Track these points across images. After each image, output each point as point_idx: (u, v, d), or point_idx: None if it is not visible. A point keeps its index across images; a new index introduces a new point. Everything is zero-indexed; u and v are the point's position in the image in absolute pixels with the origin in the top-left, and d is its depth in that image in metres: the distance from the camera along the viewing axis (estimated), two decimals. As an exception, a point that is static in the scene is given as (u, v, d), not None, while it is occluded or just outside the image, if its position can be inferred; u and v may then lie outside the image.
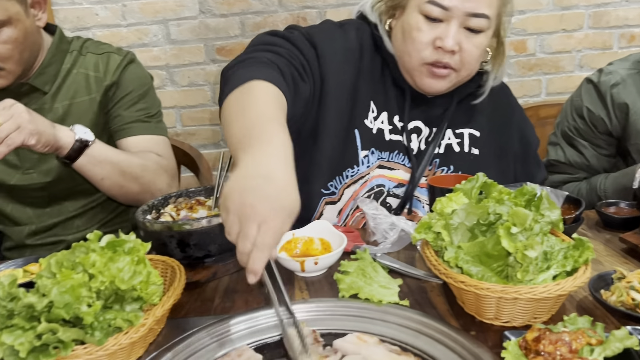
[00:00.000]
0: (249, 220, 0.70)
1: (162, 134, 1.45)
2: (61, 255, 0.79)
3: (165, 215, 1.12)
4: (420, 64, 1.18)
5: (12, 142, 1.09)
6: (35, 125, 1.12)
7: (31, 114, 1.13)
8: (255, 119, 0.89)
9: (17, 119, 1.10)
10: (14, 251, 1.50)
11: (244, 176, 0.75)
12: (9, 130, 1.09)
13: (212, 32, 2.43)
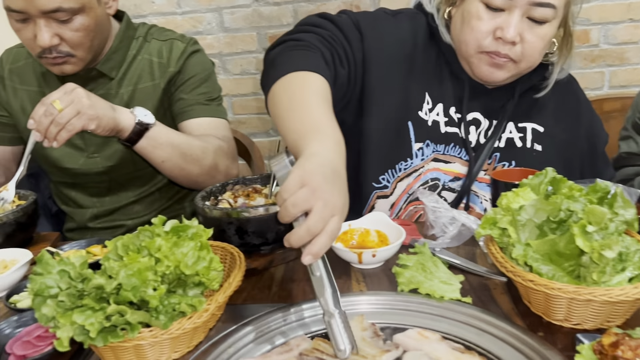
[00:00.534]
0: (327, 206, 0.71)
1: (222, 117, 1.46)
2: (127, 239, 0.80)
3: (223, 202, 1.12)
4: (477, 52, 1.14)
5: (73, 128, 1.12)
6: (95, 110, 1.14)
7: (91, 98, 1.15)
8: (314, 114, 0.90)
9: (77, 105, 1.12)
10: (75, 232, 1.55)
11: (322, 164, 0.76)
12: (70, 115, 1.11)
13: (265, 20, 2.43)
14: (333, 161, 0.78)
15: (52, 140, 1.12)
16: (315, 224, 0.71)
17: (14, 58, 1.47)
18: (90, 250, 1.13)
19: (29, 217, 1.18)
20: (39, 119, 1.11)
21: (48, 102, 1.10)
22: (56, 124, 1.10)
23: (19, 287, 0.98)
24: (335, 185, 0.73)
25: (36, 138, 1.13)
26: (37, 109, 1.11)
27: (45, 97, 1.12)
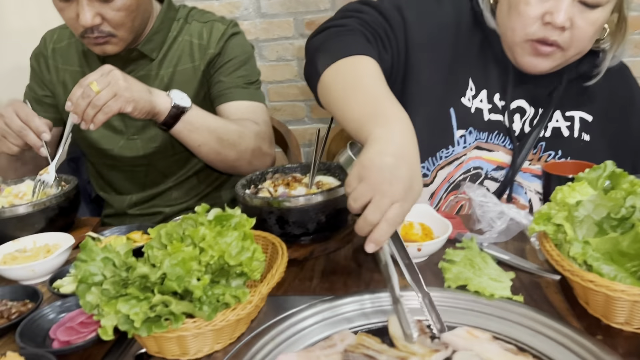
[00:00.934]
0: (384, 196, 0.72)
1: (260, 100, 1.44)
2: (170, 227, 0.79)
3: (264, 190, 1.11)
4: (523, 40, 1.08)
5: (109, 110, 1.11)
6: (131, 93, 1.13)
7: (127, 80, 1.14)
8: (374, 96, 0.87)
9: (113, 87, 1.11)
10: (113, 218, 1.56)
11: (382, 152, 0.74)
12: (106, 98, 1.10)
13: (302, 5, 2.39)
14: (397, 144, 0.76)
15: (89, 122, 1.12)
16: (372, 214, 0.72)
17: (57, 38, 1.48)
18: (131, 236, 1.13)
19: (70, 202, 1.18)
20: (76, 101, 1.11)
21: (85, 84, 1.10)
22: (93, 106, 1.10)
23: (62, 272, 0.99)
24: (395, 172, 0.72)
25: (74, 120, 1.13)
26: (74, 90, 1.11)
27: (82, 79, 1.12)
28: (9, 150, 1.24)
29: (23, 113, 1.21)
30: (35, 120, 1.21)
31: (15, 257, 1.04)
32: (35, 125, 1.20)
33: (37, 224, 1.12)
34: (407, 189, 0.73)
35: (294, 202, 0.99)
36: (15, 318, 0.85)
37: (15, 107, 1.22)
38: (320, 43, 1.05)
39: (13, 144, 1.22)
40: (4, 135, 1.23)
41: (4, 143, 1.24)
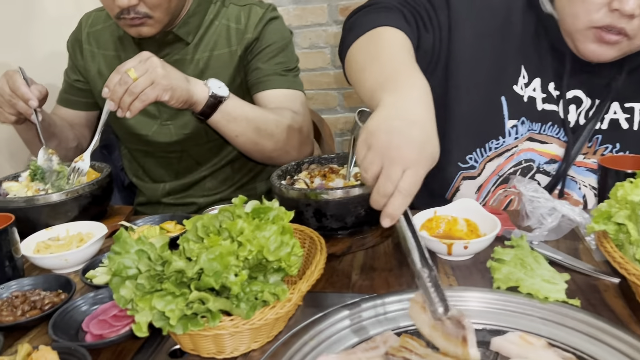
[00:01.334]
0: (393, 163, 0.67)
1: (299, 88, 1.40)
2: (207, 219, 0.76)
3: (300, 182, 1.07)
4: (586, 27, 1.00)
5: (146, 98, 1.08)
6: (169, 81, 1.10)
7: (165, 68, 1.11)
8: (392, 63, 0.84)
9: (151, 74, 1.08)
10: (146, 207, 1.54)
11: (390, 116, 0.71)
12: (144, 85, 1.08)
13: (336, -9, 2.34)
14: (407, 109, 0.72)
15: (126, 110, 1.09)
16: (384, 185, 0.68)
17: (93, 22, 1.47)
18: (164, 226, 1.10)
19: (104, 190, 1.17)
20: (114, 88, 1.08)
21: (123, 71, 1.08)
22: (130, 93, 1.07)
23: (94, 262, 0.97)
24: (404, 136, 0.68)
25: (110, 107, 1.11)
26: (111, 77, 1.09)
27: (120, 65, 1.09)
28: (7, 119, 1.25)
29: (11, 81, 1.21)
30: (22, 87, 1.20)
31: (49, 245, 1.03)
32: (21, 92, 1.20)
33: (70, 212, 1.10)
34: (419, 151, 0.68)
35: (332, 194, 0.95)
36: (48, 309, 0.83)
37: (7, 76, 1.23)
38: (353, 21, 1.03)
39: (8, 112, 1.23)
40: (0, 105, 1.22)
41: (1, 113, 1.24)
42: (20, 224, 0.97)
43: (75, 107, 1.49)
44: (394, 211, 0.69)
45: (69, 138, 1.45)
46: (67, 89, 1.49)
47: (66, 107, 1.49)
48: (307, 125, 1.37)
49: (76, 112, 1.50)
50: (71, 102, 1.49)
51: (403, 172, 0.67)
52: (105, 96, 1.10)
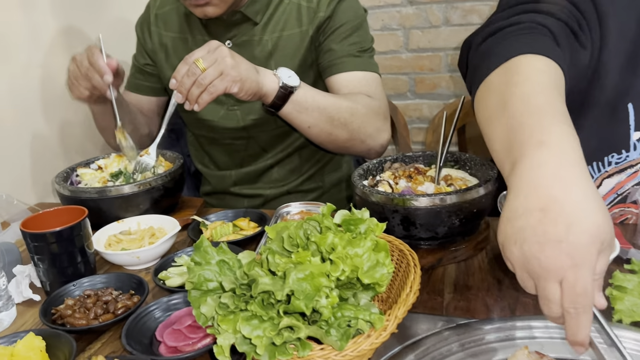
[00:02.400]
0: (540, 279, 0.53)
1: (375, 70, 1.30)
2: (293, 229, 0.69)
3: (383, 183, 0.98)
4: None
5: (215, 90, 1.02)
6: (239, 72, 1.03)
7: (235, 58, 1.04)
8: (522, 113, 0.64)
9: (220, 64, 1.02)
10: (213, 196, 1.50)
11: (516, 211, 0.55)
12: (212, 76, 1.01)
13: (413, -30, 2.20)
14: (545, 187, 0.54)
15: (194, 102, 1.04)
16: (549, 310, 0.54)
17: (161, 3, 1.42)
18: (238, 223, 1.05)
19: (176, 183, 1.12)
20: (182, 79, 1.02)
21: (191, 61, 1.01)
22: (198, 85, 1.01)
23: (166, 261, 0.92)
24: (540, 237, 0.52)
25: (178, 100, 1.06)
26: (179, 67, 1.03)
27: (188, 55, 1.03)
28: (80, 94, 1.21)
29: (90, 54, 1.17)
30: (99, 61, 1.16)
31: (120, 240, 0.99)
32: (98, 66, 1.16)
33: (141, 205, 1.06)
34: (575, 247, 0.51)
35: (423, 201, 0.86)
36: (121, 313, 0.79)
37: (88, 49, 1.19)
38: (490, 47, 0.83)
39: (83, 87, 1.19)
40: (76, 78, 1.19)
41: (76, 87, 1.21)
42: (91, 215, 0.94)
43: (145, 93, 1.46)
44: (580, 337, 0.53)
45: (142, 124, 1.41)
46: (135, 73, 1.45)
47: (135, 92, 1.45)
48: (384, 111, 1.27)
49: (146, 97, 1.46)
50: (140, 87, 1.45)
51: (561, 285, 0.52)
52: (172, 87, 1.05)
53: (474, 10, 2.21)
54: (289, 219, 1.10)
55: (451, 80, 2.34)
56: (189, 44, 1.34)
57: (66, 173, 1.15)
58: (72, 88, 1.20)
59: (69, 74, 1.20)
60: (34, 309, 0.87)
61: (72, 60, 1.19)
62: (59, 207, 0.93)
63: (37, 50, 1.40)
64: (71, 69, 1.19)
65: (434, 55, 2.32)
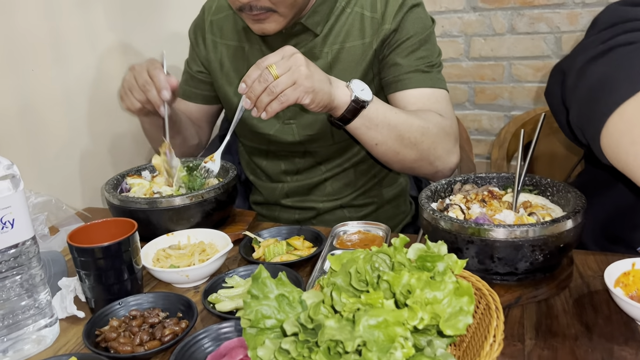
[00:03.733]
0: None
1: (443, 87, 1.21)
2: (361, 263, 0.61)
3: (454, 208, 0.89)
4: None
5: (286, 100, 0.95)
6: (312, 82, 0.96)
7: (309, 67, 0.97)
8: None
9: (294, 73, 0.95)
10: (263, 207, 1.44)
11: None
12: (285, 85, 0.94)
13: (478, -26, 2.10)
14: None
15: (262, 110, 0.97)
16: None
17: (217, 9, 1.36)
18: (292, 242, 0.98)
19: (229, 195, 1.06)
20: (252, 84, 0.95)
21: (264, 66, 0.95)
22: (269, 93, 0.94)
23: (216, 282, 0.86)
24: None
25: (246, 105, 0.99)
26: (250, 72, 0.96)
27: (260, 60, 0.97)
28: (132, 105, 1.16)
29: (152, 67, 1.12)
30: (161, 76, 1.11)
31: (169, 255, 0.94)
32: (158, 80, 1.11)
33: (192, 218, 1.01)
34: None
35: (502, 232, 0.77)
36: (168, 341, 0.73)
37: (148, 62, 1.15)
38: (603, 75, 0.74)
39: (136, 99, 1.14)
40: (131, 88, 1.14)
41: (129, 98, 1.16)
42: (140, 226, 0.89)
43: (197, 100, 1.41)
44: None
45: (192, 135, 1.37)
46: (187, 80, 1.41)
47: (187, 99, 1.41)
48: (454, 131, 1.18)
49: (197, 105, 1.41)
50: (192, 95, 1.40)
51: None
52: (241, 92, 0.98)
53: (542, 18, 2.08)
54: (345, 238, 1.02)
55: (513, 91, 2.22)
56: (246, 53, 1.29)
57: (116, 180, 1.11)
58: (124, 98, 1.16)
59: (124, 83, 1.16)
60: (77, 326, 0.82)
61: (130, 69, 1.15)
62: (108, 219, 0.88)
63: (91, 54, 1.38)
64: (127, 78, 1.15)
65: (496, 65, 2.20)
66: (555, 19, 2.07)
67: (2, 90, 1.14)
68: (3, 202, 0.70)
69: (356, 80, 1.04)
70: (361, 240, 1.01)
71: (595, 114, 0.70)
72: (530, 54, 2.14)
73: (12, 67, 1.15)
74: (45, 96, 1.24)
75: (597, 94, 0.72)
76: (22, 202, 0.72)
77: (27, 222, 0.73)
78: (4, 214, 0.70)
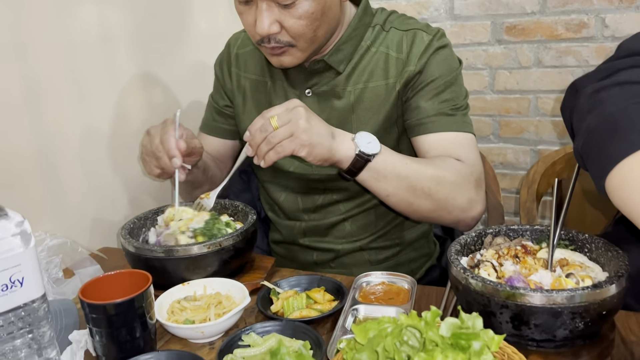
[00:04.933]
0: None
1: (469, 130, 1.16)
2: (389, 340, 0.56)
3: (486, 266, 0.84)
4: None
5: (282, 150, 0.96)
6: (309, 136, 0.96)
7: (310, 121, 0.97)
8: None
9: (292, 126, 0.95)
10: (281, 246, 1.40)
11: None
12: (282, 136, 0.95)
13: (504, 7, 2.05)
14: None
15: (261, 158, 0.99)
16: None
17: (242, 42, 1.35)
18: (312, 295, 0.93)
19: (247, 242, 1.02)
20: (254, 133, 0.97)
21: (267, 116, 0.96)
22: (267, 142, 0.96)
23: (233, 340, 0.81)
24: None
25: (248, 152, 1.01)
26: (255, 121, 0.98)
27: (265, 110, 0.98)
28: (151, 172, 1.14)
29: (163, 132, 1.10)
30: (170, 141, 1.08)
31: (184, 307, 0.90)
32: (168, 146, 1.08)
33: (209, 267, 0.97)
34: None
35: (540, 298, 0.71)
36: (181, 410, 0.69)
37: (162, 125, 1.13)
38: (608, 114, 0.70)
39: (154, 165, 1.12)
40: (147, 154, 1.13)
41: (147, 164, 1.14)
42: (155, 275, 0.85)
43: (222, 136, 1.38)
44: None
45: (219, 179, 1.34)
46: (213, 115, 1.39)
47: (212, 135, 1.39)
48: (477, 178, 1.12)
49: (223, 140, 1.39)
50: (218, 130, 1.38)
51: None
52: (245, 139, 1.00)
53: (569, 52, 2.03)
54: (368, 290, 0.98)
55: (540, 125, 2.16)
56: (268, 89, 1.27)
57: (132, 224, 1.08)
58: (144, 164, 1.15)
59: (142, 148, 1.14)
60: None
61: (146, 134, 1.14)
62: (122, 271, 0.85)
63: (111, 90, 1.36)
64: (144, 143, 1.13)
65: (522, 98, 2.15)
66: (584, 53, 2.02)
67: (19, 129, 1.13)
68: (13, 260, 0.66)
69: (363, 132, 1.02)
70: (385, 292, 0.97)
71: (601, 157, 0.69)
72: (557, 88, 2.09)
73: (29, 105, 1.14)
74: (62, 134, 1.22)
75: (603, 136, 0.70)
76: (32, 260, 0.69)
77: (37, 280, 0.70)
78: (13, 272, 0.67)
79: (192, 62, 1.66)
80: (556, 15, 2.00)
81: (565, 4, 1.97)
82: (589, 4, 1.95)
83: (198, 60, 1.67)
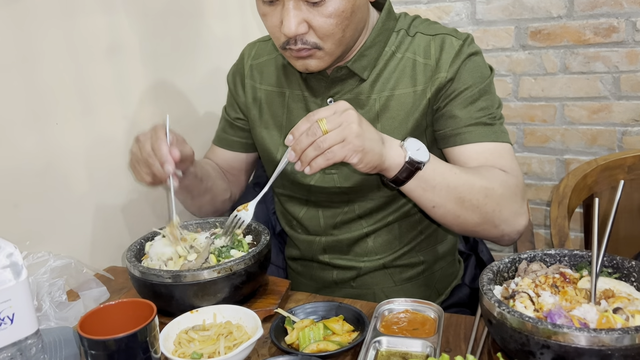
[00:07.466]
0: None
1: (507, 140, 1.09)
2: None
3: (522, 297, 0.76)
4: None
5: (333, 156, 0.87)
6: (363, 142, 0.88)
7: (362, 125, 0.89)
8: None
9: (344, 130, 0.87)
10: (299, 262, 1.33)
11: None
12: (333, 141, 0.87)
13: (528, 11, 1.97)
14: None
15: (306, 164, 0.89)
16: None
17: (256, 53, 1.29)
18: (330, 325, 0.86)
19: (260, 265, 0.96)
20: (299, 137, 0.89)
21: (314, 119, 0.88)
22: (316, 147, 0.87)
23: (245, 376, 0.75)
24: None
25: (290, 158, 0.91)
26: (300, 124, 0.90)
27: (311, 113, 0.90)
28: (143, 180, 1.08)
29: (154, 138, 1.04)
30: (163, 148, 1.02)
31: (191, 338, 0.83)
32: (160, 153, 1.03)
33: (219, 294, 0.90)
34: None
35: (586, 338, 0.64)
36: None
37: (152, 131, 1.07)
38: None
39: (145, 172, 1.06)
40: (137, 162, 1.07)
41: (137, 171, 1.08)
42: (162, 301, 0.80)
43: (234, 149, 1.33)
44: None
45: (222, 189, 1.28)
46: (225, 128, 1.33)
47: (224, 148, 1.33)
48: (521, 190, 1.05)
49: (235, 153, 1.33)
50: (230, 143, 1.32)
51: None
52: (288, 144, 0.91)
53: (598, 57, 1.94)
54: (391, 319, 0.90)
55: (566, 134, 2.06)
56: (286, 99, 1.20)
57: (139, 245, 1.02)
58: (134, 171, 1.09)
59: (131, 155, 1.09)
60: None
61: (135, 140, 1.08)
62: (124, 300, 0.78)
63: (119, 105, 1.31)
64: (133, 150, 1.08)
65: (547, 105, 2.06)
66: (613, 58, 1.92)
67: (24, 146, 1.07)
68: (2, 295, 0.61)
69: (412, 139, 0.94)
70: (409, 322, 0.89)
71: None
72: (585, 95, 2.00)
73: (34, 121, 1.09)
74: (68, 151, 1.17)
75: None
76: (24, 293, 0.63)
77: (30, 315, 0.64)
78: (3, 309, 0.61)
79: (206, 71, 1.60)
80: (584, 19, 1.91)
81: (593, 8, 1.88)
82: (619, 7, 1.86)
83: (212, 69, 1.61)
